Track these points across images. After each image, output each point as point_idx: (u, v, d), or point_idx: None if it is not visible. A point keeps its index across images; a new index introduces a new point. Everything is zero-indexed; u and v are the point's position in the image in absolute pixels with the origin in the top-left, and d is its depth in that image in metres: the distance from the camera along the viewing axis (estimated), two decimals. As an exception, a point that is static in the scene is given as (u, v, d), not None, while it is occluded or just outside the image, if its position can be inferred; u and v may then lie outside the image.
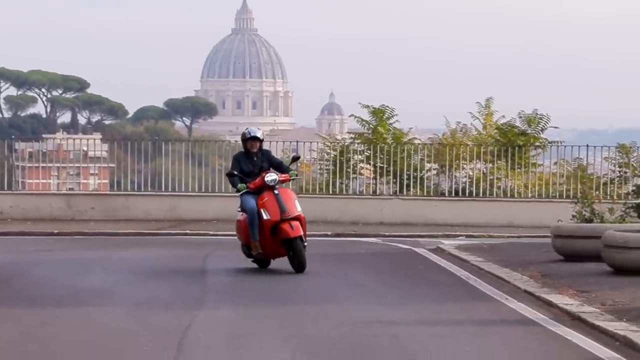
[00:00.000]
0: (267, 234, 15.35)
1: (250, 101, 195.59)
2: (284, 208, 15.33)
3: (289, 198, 15.53)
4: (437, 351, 9.71)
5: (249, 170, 15.76)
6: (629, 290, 13.00)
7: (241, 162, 15.88)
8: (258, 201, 15.44)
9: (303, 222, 15.43)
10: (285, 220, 15.28)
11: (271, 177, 15.50)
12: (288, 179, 15.81)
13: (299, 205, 15.52)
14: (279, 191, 15.47)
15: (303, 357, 9.46)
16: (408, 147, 27.44)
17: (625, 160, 26.64)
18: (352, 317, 11.65)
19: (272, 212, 15.35)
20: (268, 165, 15.86)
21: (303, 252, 15.29)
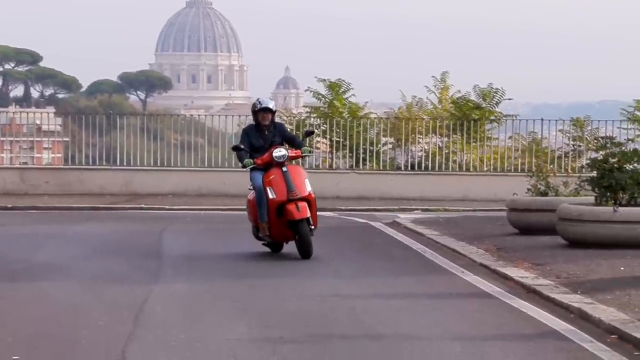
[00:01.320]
0: (273, 214, 14.07)
1: (205, 75, 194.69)
2: (292, 187, 14.00)
3: (298, 176, 14.18)
4: (394, 324, 9.74)
5: (259, 144, 14.39)
6: (583, 262, 13.12)
7: (251, 135, 14.49)
8: (264, 179, 14.17)
9: (313, 204, 14.11)
10: (292, 201, 13.96)
11: (280, 153, 14.17)
12: (299, 155, 14.49)
13: (310, 185, 14.19)
14: (287, 168, 14.13)
15: (259, 330, 9.45)
16: (364, 121, 27.45)
17: (579, 134, 26.83)
18: (309, 290, 11.66)
19: (278, 191, 14.05)
20: (280, 140, 14.47)
21: (309, 236, 13.96)
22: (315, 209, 14.17)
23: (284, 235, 14.29)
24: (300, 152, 14.44)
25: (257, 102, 14.60)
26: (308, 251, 13.99)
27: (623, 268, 12.62)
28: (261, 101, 14.59)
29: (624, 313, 9.82)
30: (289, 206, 13.94)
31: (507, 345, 8.80)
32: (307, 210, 13.94)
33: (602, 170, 14.67)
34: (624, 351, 8.58)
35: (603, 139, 15.45)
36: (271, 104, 14.64)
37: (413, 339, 9.06)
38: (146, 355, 8.47)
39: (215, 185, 26.15)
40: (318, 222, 14.45)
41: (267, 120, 14.46)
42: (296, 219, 13.89)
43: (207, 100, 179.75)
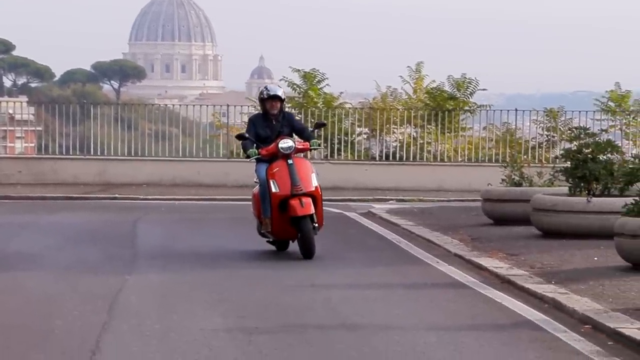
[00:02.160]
0: (275, 209, 13.07)
1: (179, 65, 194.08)
2: (296, 181, 13.00)
3: (305, 170, 13.16)
4: (369, 314, 9.76)
5: (265, 135, 13.37)
6: (557, 253, 13.18)
7: (257, 125, 13.45)
8: (268, 171, 13.16)
9: (318, 201, 13.11)
10: (296, 196, 12.97)
11: (286, 144, 13.15)
12: (307, 148, 13.46)
13: (316, 180, 13.19)
14: (293, 161, 13.13)
15: (235, 320, 9.45)
16: (339, 112, 27.44)
17: (553, 124, 26.94)
18: (284, 281, 11.66)
19: (281, 185, 13.05)
20: (289, 131, 13.44)
21: (311, 234, 12.93)
22: (321, 206, 13.20)
23: (287, 233, 13.29)
24: (309, 144, 13.45)
25: (265, 90, 13.61)
26: (310, 250, 12.97)
27: (597, 258, 12.68)
28: (269, 88, 13.63)
29: (598, 303, 9.88)
30: (293, 201, 12.95)
31: (481, 335, 8.83)
32: (311, 207, 12.94)
33: (576, 161, 14.73)
34: (597, 341, 8.63)
35: (577, 130, 15.51)
36: (280, 91, 13.58)
37: (388, 329, 9.08)
38: (120, 345, 8.45)
39: (190, 175, 26.09)
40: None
41: (275, 108, 13.40)
42: (299, 215, 12.89)
43: (181, 89, 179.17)
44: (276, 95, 13.45)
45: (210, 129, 29.64)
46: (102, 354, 8.14)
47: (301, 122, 13.85)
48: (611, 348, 8.40)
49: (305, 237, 12.97)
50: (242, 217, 19.31)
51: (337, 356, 8.12)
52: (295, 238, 13.24)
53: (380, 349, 8.38)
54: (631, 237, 11.56)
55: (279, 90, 13.61)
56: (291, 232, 13.19)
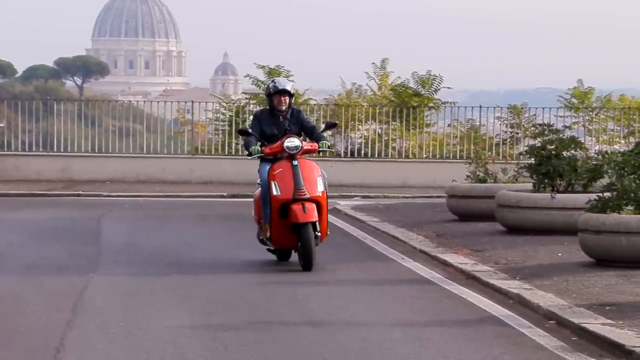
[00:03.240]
0: (275, 214, 11.94)
1: (143, 61, 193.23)
2: (300, 184, 11.84)
3: (310, 172, 12.00)
4: (335, 310, 9.77)
5: (271, 133, 12.21)
6: (522, 249, 13.24)
7: (263, 121, 12.27)
8: (270, 171, 12.01)
9: (323, 208, 11.95)
10: (299, 201, 11.82)
11: (292, 143, 12.00)
12: (315, 149, 12.27)
13: (323, 185, 12.03)
14: (298, 162, 11.99)
15: (200, 317, 9.42)
16: (304, 108, 27.40)
17: (516, 121, 27.07)
18: (249, 278, 11.64)
19: (283, 188, 11.89)
20: (297, 130, 12.31)
21: (312, 244, 11.74)
22: (326, 214, 12.04)
23: (286, 241, 12.09)
24: (317, 146, 12.24)
25: (272, 84, 12.40)
26: (308, 261, 11.75)
27: (561, 254, 12.76)
28: (277, 82, 12.40)
29: (562, 299, 9.94)
30: (294, 206, 11.79)
31: (446, 331, 8.86)
32: (315, 214, 11.77)
33: (540, 157, 14.81)
34: (561, 336, 8.68)
35: (541, 126, 15.59)
36: (289, 85, 12.37)
37: (354, 325, 9.09)
38: (85, 343, 8.40)
39: (154, 172, 25.99)
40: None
41: (283, 104, 12.21)
42: (300, 221, 11.73)
43: (145, 86, 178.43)
44: (285, 89, 12.22)
45: (175, 126, 29.54)
46: (67, 352, 8.09)
47: (311, 121, 12.36)
48: (575, 343, 8.45)
49: (305, 247, 11.72)
50: (207, 214, 19.27)
51: (303, 352, 8.12)
52: (295, 247, 12.04)
53: (346, 345, 8.39)
54: (595, 233, 11.64)
55: (288, 84, 12.35)
56: (291, 240, 11.99)
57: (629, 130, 26.87)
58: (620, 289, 10.35)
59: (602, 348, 8.24)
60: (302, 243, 11.80)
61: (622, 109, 27.30)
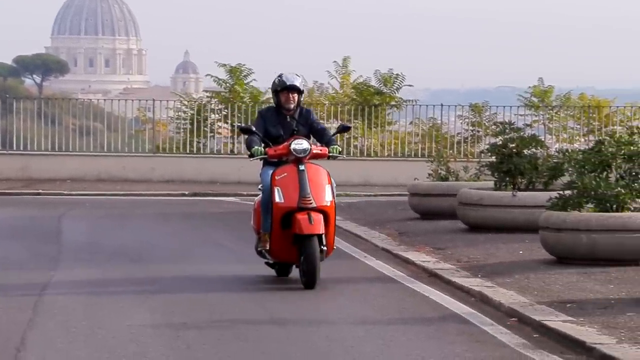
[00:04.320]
0: (277, 224, 10.70)
1: (103, 59, 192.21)
2: (306, 191, 10.58)
3: (318, 179, 10.75)
4: (298, 309, 9.76)
5: (277, 133, 10.97)
6: (483, 246, 13.30)
7: (268, 120, 11.04)
8: (273, 176, 10.77)
9: (331, 219, 10.72)
10: (304, 210, 10.58)
11: (300, 145, 10.75)
12: (325, 154, 11.02)
13: (331, 194, 10.80)
14: (305, 167, 10.73)
15: (162, 317, 9.38)
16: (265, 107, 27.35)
17: (477, 119, 27.20)
18: (212, 276, 11.61)
19: (287, 195, 10.63)
20: (306, 131, 11.07)
21: (317, 259, 10.49)
22: (333, 226, 10.81)
23: (287, 254, 10.82)
24: (327, 150, 11.02)
25: (279, 79, 11.05)
26: (312, 279, 10.53)
27: (522, 252, 12.82)
28: (285, 77, 11.04)
29: (523, 296, 9.99)
30: (299, 216, 10.55)
31: (409, 329, 8.87)
32: (321, 225, 10.52)
33: (501, 156, 14.88)
34: (523, 333, 8.72)
35: (502, 125, 15.67)
36: (298, 80, 11.05)
37: (317, 324, 9.08)
38: (47, 342, 8.33)
39: (115, 171, 25.86)
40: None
41: (291, 102, 10.99)
42: (304, 233, 10.48)
43: (105, 84, 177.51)
44: (293, 85, 10.94)
45: (136, 124, 29.41)
46: (27, 351, 8.02)
47: (322, 122, 11.03)
48: (537, 340, 8.50)
49: (309, 262, 10.48)
50: (168, 212, 19.20)
51: (266, 351, 8.10)
52: (297, 262, 10.79)
53: (309, 343, 8.38)
54: (555, 231, 11.70)
55: (297, 80, 11.03)
56: (293, 254, 10.74)
57: (588, 129, 27.08)
58: (581, 287, 10.42)
59: (564, 345, 8.29)
60: (306, 258, 10.50)
61: (582, 107, 27.51)
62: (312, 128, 11.14)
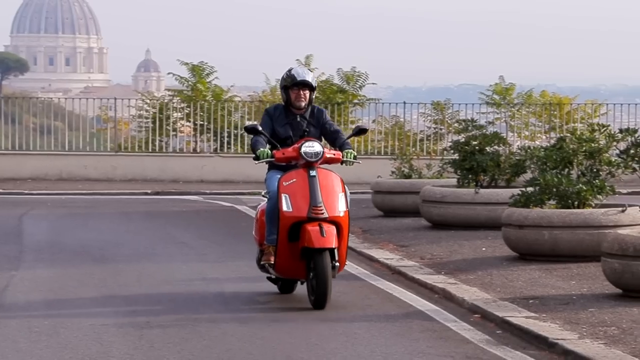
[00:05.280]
0: (284, 236, 9.59)
1: (64, 57, 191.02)
2: (318, 200, 9.48)
3: (331, 187, 9.62)
4: (261, 307, 9.75)
5: (285, 134, 9.90)
6: (447, 244, 13.34)
7: (276, 120, 9.94)
8: (281, 181, 9.64)
9: (344, 231, 9.60)
10: (315, 220, 9.47)
11: (312, 148, 9.63)
12: (338, 159, 9.86)
13: (345, 203, 9.68)
14: (317, 173, 9.63)
15: (125, 315, 9.33)
16: (228, 105, 27.33)
17: (440, 117, 27.28)
18: (175, 275, 11.57)
19: (296, 203, 9.51)
20: (318, 133, 9.97)
21: (328, 275, 9.38)
22: (346, 239, 9.67)
23: (294, 269, 9.71)
24: (341, 155, 9.89)
25: (288, 74, 9.97)
26: (322, 298, 9.43)
27: (485, 248, 12.88)
28: (296, 72, 9.95)
29: (487, 292, 10.04)
30: (309, 227, 9.43)
31: (373, 326, 8.89)
32: (334, 238, 9.42)
33: (464, 153, 14.94)
34: (486, 330, 8.76)
35: (465, 122, 15.72)
36: (310, 76, 9.98)
37: (280, 322, 9.08)
38: (8, 341, 8.26)
39: (77, 170, 25.71)
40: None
41: (302, 100, 9.88)
42: (315, 247, 9.36)
43: (66, 83, 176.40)
44: (304, 81, 9.85)
45: (97, 123, 29.24)
46: (-11, 352, 7.95)
47: (335, 123, 10.18)
48: (499, 336, 8.54)
49: (320, 279, 9.38)
50: (131, 211, 19.11)
51: (230, 349, 8.09)
52: (304, 278, 9.72)
53: (273, 341, 8.37)
54: (518, 228, 11.77)
55: (308, 75, 9.97)
56: (300, 269, 9.66)
57: (550, 126, 27.24)
58: (543, 283, 10.49)
59: (526, 340, 8.34)
60: (316, 274, 9.41)
61: (543, 104, 27.67)
62: (325, 129, 9.99)
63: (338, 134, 10.03)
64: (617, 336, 8.10)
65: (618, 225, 11.23)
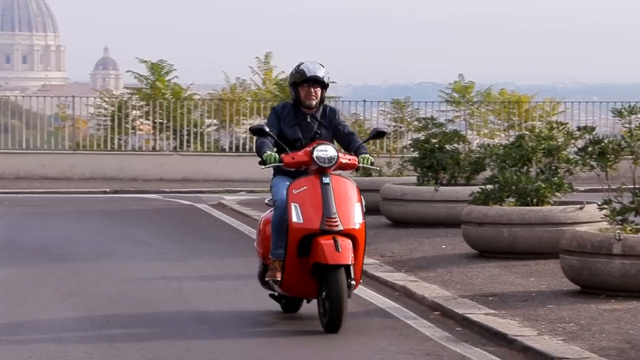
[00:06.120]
0: (292, 249, 8.58)
1: (21, 55, 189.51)
2: (331, 211, 8.49)
3: (346, 196, 8.63)
4: (222, 305, 9.73)
5: (294, 136, 8.93)
6: (407, 241, 13.38)
7: (284, 120, 8.97)
8: (290, 189, 8.64)
9: (360, 246, 8.60)
10: (329, 233, 8.48)
11: (325, 153, 8.63)
12: (354, 165, 8.87)
13: (362, 214, 8.70)
14: (330, 180, 8.63)
15: (85, 314, 9.28)
16: (188, 103, 27.24)
17: (400, 115, 27.35)
18: (134, 273, 11.51)
19: (307, 214, 8.52)
20: (329, 135, 8.99)
21: (344, 295, 8.39)
22: (362, 254, 8.67)
23: (303, 287, 8.73)
24: (357, 160, 8.88)
25: (297, 69, 8.99)
26: (336, 320, 8.42)
27: (444, 246, 12.93)
28: (305, 67, 8.95)
29: (446, 290, 10.07)
30: (323, 240, 8.44)
31: (334, 324, 8.87)
32: (350, 254, 8.44)
33: (423, 151, 14.98)
34: (446, 327, 8.79)
35: (424, 120, 15.77)
36: (321, 71, 8.95)
37: (241, 320, 9.07)
38: (-34, 342, 8.18)
39: (34, 168, 25.50)
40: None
41: (313, 98, 8.93)
42: (329, 263, 8.38)
43: (23, 81, 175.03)
44: (315, 77, 8.89)
45: (55, 121, 29.02)
46: (-54, 352, 7.87)
47: (348, 125, 9.26)
48: (459, 333, 8.57)
49: (334, 299, 8.37)
50: (89, 210, 18.99)
51: (190, 348, 8.05)
52: (314, 296, 8.74)
53: (234, 338, 8.35)
54: (477, 225, 11.82)
55: (320, 70, 8.96)
56: (310, 288, 8.66)
57: (509, 124, 27.40)
58: (502, 280, 10.54)
59: (486, 337, 8.38)
60: (330, 294, 8.41)
61: (502, 102, 27.82)
62: (338, 131, 9.04)
63: (352, 137, 9.08)
64: (575, 332, 8.16)
65: (576, 222, 11.31)
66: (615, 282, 9.32)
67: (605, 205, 9.76)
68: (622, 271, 9.27)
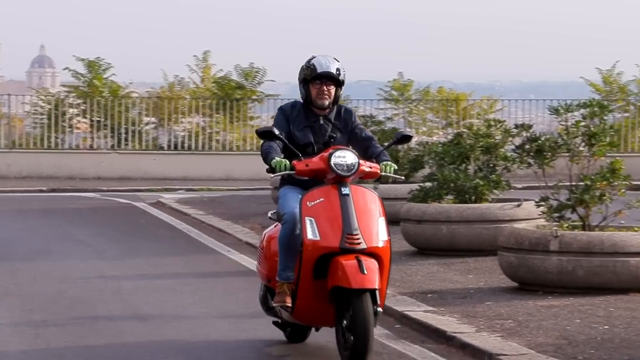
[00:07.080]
0: (307, 270, 7.38)
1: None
2: (353, 226, 7.32)
3: (369, 210, 7.47)
4: (161, 304, 9.67)
5: (305, 140, 7.79)
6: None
7: (294, 122, 7.85)
8: (304, 201, 7.46)
9: (385, 266, 7.41)
10: (350, 252, 7.28)
11: (343, 159, 7.47)
12: (376, 173, 7.72)
13: (386, 231, 7.50)
14: (350, 191, 7.45)
15: (21, 314, 9.17)
16: (125, 101, 27.05)
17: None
18: (71, 273, 11.40)
19: (324, 230, 7.34)
20: (345, 140, 7.85)
21: (370, 324, 7.16)
22: (387, 277, 7.47)
23: (317, 315, 7.56)
24: (379, 168, 7.73)
25: (308, 64, 7.90)
26: (362, 353, 7.15)
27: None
28: (317, 62, 7.84)
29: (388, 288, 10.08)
30: (344, 260, 7.25)
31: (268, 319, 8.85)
32: (376, 277, 7.25)
33: (362, 149, 15.00)
34: (385, 324, 8.81)
35: (363, 118, 15.81)
36: (335, 66, 7.83)
37: (180, 318, 9.02)
38: None
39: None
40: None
41: (326, 97, 7.82)
42: (352, 288, 7.17)
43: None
44: (328, 73, 7.80)
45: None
46: None
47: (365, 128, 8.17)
48: (399, 331, 8.61)
49: (360, 330, 7.14)
50: (26, 209, 18.78)
51: (128, 346, 8.00)
52: (331, 325, 7.53)
53: (173, 337, 8.30)
54: (416, 222, 11.87)
55: (333, 65, 7.85)
56: (327, 316, 7.47)
57: (447, 122, 27.58)
58: (441, 277, 10.60)
59: (425, 334, 8.41)
60: (354, 322, 7.16)
61: (440, 100, 28.01)
62: (354, 135, 7.89)
63: (372, 142, 7.92)
64: (513, 329, 8.23)
65: (514, 219, 11.41)
66: (552, 278, 9.41)
67: (543, 203, 9.86)
68: (559, 268, 9.37)
